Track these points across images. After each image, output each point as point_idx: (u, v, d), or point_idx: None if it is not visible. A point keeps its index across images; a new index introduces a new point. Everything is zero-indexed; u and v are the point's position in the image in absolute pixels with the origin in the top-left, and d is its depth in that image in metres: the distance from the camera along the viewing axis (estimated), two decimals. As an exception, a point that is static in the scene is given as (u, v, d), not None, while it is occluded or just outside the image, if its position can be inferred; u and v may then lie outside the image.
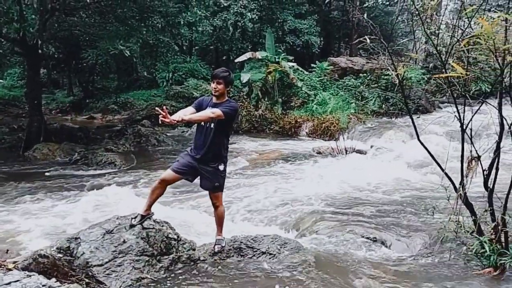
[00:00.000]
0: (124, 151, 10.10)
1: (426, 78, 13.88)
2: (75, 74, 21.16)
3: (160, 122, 3.16)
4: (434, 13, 3.96)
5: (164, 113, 3.10)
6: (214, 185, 3.62)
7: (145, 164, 9.01)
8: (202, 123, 3.56)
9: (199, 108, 3.58)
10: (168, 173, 3.61)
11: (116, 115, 17.58)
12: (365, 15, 3.85)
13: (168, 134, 12.49)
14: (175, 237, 3.75)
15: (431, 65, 14.50)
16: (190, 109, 3.57)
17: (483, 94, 4.34)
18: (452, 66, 3.25)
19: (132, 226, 3.56)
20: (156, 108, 3.27)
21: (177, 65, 18.05)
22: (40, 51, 10.20)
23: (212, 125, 3.52)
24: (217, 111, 3.41)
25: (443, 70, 3.50)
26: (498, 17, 3.09)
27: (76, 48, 15.26)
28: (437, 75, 3.95)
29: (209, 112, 3.43)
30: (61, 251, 3.37)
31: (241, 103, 13.33)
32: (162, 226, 3.74)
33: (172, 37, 16.95)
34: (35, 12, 9.10)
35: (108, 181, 7.38)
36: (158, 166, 8.60)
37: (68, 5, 9.86)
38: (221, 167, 3.62)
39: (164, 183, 3.60)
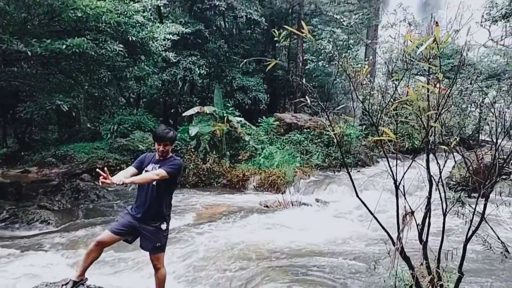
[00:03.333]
0: (60, 208, 9.41)
1: (364, 134, 14.78)
2: (11, 124, 19.94)
3: (100, 183, 3.08)
4: (368, 75, 4.33)
5: (105, 175, 3.04)
6: (156, 246, 3.48)
7: (83, 222, 8.43)
8: (145, 181, 3.48)
9: (140, 167, 3.51)
10: (105, 234, 3.42)
11: (53, 169, 16.54)
12: (303, 80, 4.12)
13: (109, 189, 11.89)
14: (111, 304, 3.47)
15: (367, 123, 15.52)
16: (131, 169, 3.50)
17: (415, 150, 4.69)
18: (385, 125, 3.52)
19: (62, 294, 3.27)
20: (98, 170, 3.20)
21: (123, 117, 17.70)
22: (-29, 101, 9.61)
23: (154, 182, 3.44)
24: (162, 173, 3.36)
25: (376, 129, 3.77)
26: (422, 86, 3.45)
27: (14, 99, 14.53)
28: (370, 138, 4.26)
29: (152, 175, 3.37)
30: (-25, 327, 2.97)
31: (188, 156, 13.22)
32: (97, 292, 3.47)
33: (119, 90, 16.79)
34: (-30, 62, 8.68)
35: (39, 242, 6.76)
36: (96, 224, 8.07)
37: (8, 56, 9.51)
38: (163, 226, 3.51)
39: (101, 246, 3.40)
